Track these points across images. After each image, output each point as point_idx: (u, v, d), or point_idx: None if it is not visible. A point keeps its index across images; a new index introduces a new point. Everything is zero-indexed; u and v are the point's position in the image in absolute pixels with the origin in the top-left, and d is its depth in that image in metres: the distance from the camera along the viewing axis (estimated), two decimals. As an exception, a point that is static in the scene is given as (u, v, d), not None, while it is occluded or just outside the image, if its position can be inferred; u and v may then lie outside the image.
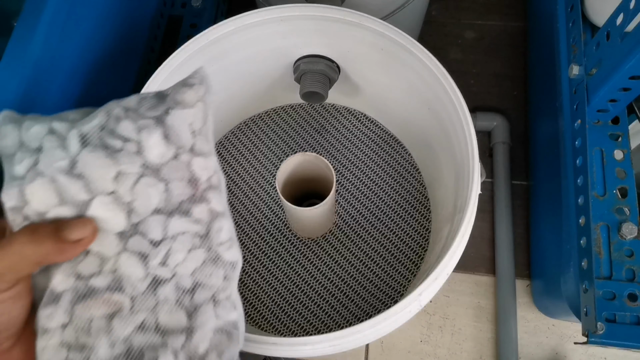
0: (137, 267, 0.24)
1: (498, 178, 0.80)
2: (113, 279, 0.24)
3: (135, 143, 0.24)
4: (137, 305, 0.24)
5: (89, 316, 0.24)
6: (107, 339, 0.23)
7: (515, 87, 0.87)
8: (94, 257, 0.24)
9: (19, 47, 0.40)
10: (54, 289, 0.24)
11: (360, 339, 0.38)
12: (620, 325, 0.46)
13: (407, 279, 0.55)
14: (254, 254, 0.59)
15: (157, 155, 0.24)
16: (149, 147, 0.24)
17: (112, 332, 0.23)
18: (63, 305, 0.24)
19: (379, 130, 0.63)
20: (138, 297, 0.24)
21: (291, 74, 0.57)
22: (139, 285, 0.24)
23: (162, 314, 0.24)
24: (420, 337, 0.75)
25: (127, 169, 0.24)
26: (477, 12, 0.93)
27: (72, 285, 0.24)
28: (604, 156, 0.52)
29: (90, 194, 0.24)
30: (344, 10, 0.48)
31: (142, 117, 0.25)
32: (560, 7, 0.59)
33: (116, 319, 0.23)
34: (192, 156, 0.25)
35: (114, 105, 0.25)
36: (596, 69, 0.50)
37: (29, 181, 0.23)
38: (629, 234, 0.48)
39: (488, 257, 0.78)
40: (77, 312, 0.24)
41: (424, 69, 0.47)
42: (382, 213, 0.59)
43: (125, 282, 0.24)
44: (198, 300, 0.24)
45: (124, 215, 0.24)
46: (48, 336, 0.23)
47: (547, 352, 0.73)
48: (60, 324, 0.24)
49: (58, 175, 0.23)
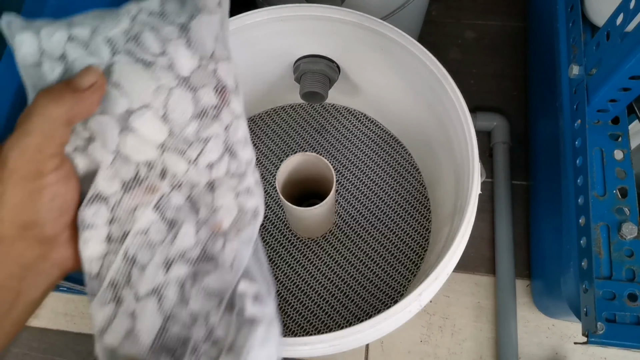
0: (176, 163, 0.26)
1: (498, 178, 0.80)
2: (153, 175, 0.26)
3: (167, 57, 0.25)
4: (174, 191, 0.27)
5: (133, 206, 0.26)
6: (148, 215, 0.26)
7: (515, 87, 0.87)
8: (134, 164, 0.26)
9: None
10: (99, 190, 0.26)
11: (360, 339, 0.38)
12: (620, 325, 0.46)
13: (407, 279, 0.55)
14: (254, 254, 0.59)
15: (187, 68, 0.26)
16: (180, 60, 0.26)
17: (149, 213, 0.26)
18: (109, 203, 0.26)
19: (379, 130, 0.63)
20: (175, 186, 0.27)
21: (291, 74, 0.57)
22: (178, 174, 0.27)
23: (195, 195, 0.27)
24: (420, 337, 0.75)
25: (165, 84, 0.25)
26: (477, 12, 0.93)
27: (115, 188, 0.26)
28: (604, 156, 0.52)
29: (129, 105, 0.25)
30: (344, 10, 0.48)
31: (167, 23, 0.26)
32: (560, 7, 0.59)
33: (152, 203, 0.26)
34: (216, 63, 0.27)
35: (135, 8, 0.26)
36: (596, 69, 0.50)
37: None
38: (629, 234, 0.48)
39: (488, 257, 0.78)
40: (123, 203, 0.26)
41: (424, 69, 0.47)
42: (382, 213, 0.59)
43: (165, 175, 0.27)
44: (222, 188, 0.27)
45: (162, 127, 0.26)
46: (93, 230, 0.25)
47: (547, 352, 0.73)
48: (105, 220, 0.26)
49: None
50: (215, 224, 0.27)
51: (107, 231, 0.26)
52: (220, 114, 0.27)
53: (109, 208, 0.26)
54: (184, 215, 0.26)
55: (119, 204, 0.26)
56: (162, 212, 0.26)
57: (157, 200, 0.26)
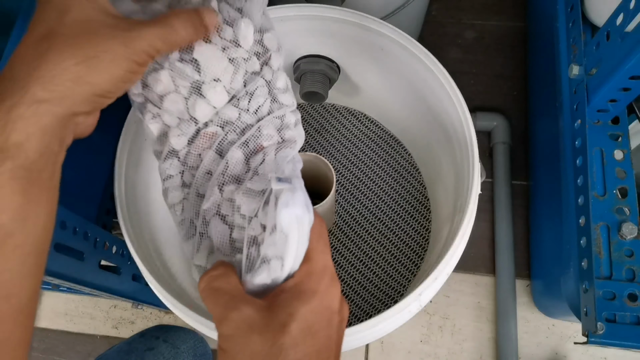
0: (231, 112, 0.32)
1: (498, 178, 0.80)
2: (213, 125, 0.32)
3: (233, 35, 0.31)
4: (229, 133, 0.32)
5: (197, 153, 0.32)
6: (210, 156, 0.32)
7: (515, 87, 0.87)
8: (198, 122, 0.32)
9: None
10: (172, 147, 0.32)
11: (360, 339, 0.38)
12: (620, 325, 0.46)
13: (407, 279, 0.55)
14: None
15: (249, 45, 0.32)
16: (245, 39, 0.31)
17: (211, 154, 0.32)
18: (179, 156, 0.32)
19: (379, 130, 0.63)
20: (230, 130, 0.32)
21: (291, 74, 0.57)
22: (232, 119, 0.32)
23: (246, 132, 0.32)
24: (420, 337, 0.75)
25: (233, 59, 0.31)
26: (477, 12, 0.93)
27: (183, 143, 0.32)
28: (604, 156, 0.52)
29: (202, 78, 0.30)
30: (344, 10, 0.48)
31: (230, 6, 0.31)
32: (560, 7, 0.59)
33: (214, 147, 0.32)
34: (262, 33, 0.33)
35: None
36: (596, 69, 0.50)
37: (149, 72, 0.30)
38: (629, 234, 0.48)
39: (488, 257, 0.78)
40: (190, 154, 0.32)
41: (424, 69, 0.47)
42: (382, 213, 0.59)
43: (222, 123, 0.32)
44: (266, 123, 0.33)
45: (225, 93, 0.32)
46: (171, 180, 0.32)
47: (547, 352, 0.73)
48: (178, 170, 0.32)
49: (175, 64, 0.30)
50: (258, 145, 0.32)
51: (181, 179, 0.32)
52: (262, 71, 0.33)
53: (181, 161, 0.32)
54: (235, 147, 0.32)
55: (187, 155, 0.32)
56: (220, 150, 0.32)
57: (217, 143, 0.32)
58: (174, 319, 0.80)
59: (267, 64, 0.34)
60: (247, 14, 0.32)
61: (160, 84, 0.30)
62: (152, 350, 0.45)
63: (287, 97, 0.35)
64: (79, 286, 0.46)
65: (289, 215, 0.25)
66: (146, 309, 0.82)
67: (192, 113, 0.31)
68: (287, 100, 0.35)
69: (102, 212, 0.60)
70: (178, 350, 0.46)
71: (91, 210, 0.59)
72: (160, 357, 0.45)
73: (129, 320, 0.82)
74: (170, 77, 0.30)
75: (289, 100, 0.35)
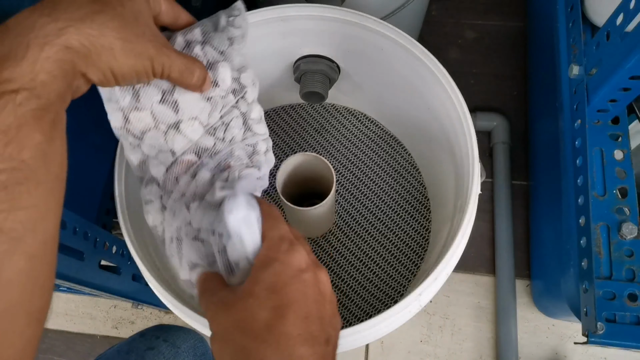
0: (207, 141, 0.34)
1: (498, 178, 0.80)
2: (189, 153, 0.34)
3: (214, 76, 0.33)
4: (205, 159, 0.34)
5: (175, 175, 0.34)
6: (184, 180, 0.34)
7: (515, 87, 0.87)
8: (175, 153, 0.34)
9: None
10: (150, 175, 0.34)
11: (360, 339, 0.38)
12: (620, 325, 0.46)
13: (407, 279, 0.55)
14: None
15: (227, 85, 0.34)
16: (223, 81, 0.33)
17: (186, 178, 0.34)
18: (159, 182, 0.34)
19: (379, 130, 0.63)
20: (206, 156, 0.35)
21: (291, 74, 0.57)
22: (209, 148, 0.34)
23: (220, 158, 0.35)
24: (420, 337, 0.75)
25: (212, 99, 0.34)
26: (477, 12, 0.93)
27: (162, 171, 0.34)
28: (604, 156, 0.52)
29: (180, 118, 0.33)
30: (344, 10, 0.48)
31: (212, 48, 0.33)
32: (560, 7, 0.59)
33: (190, 172, 0.34)
34: (239, 72, 0.35)
35: (181, 39, 0.33)
36: (596, 69, 0.50)
37: (130, 109, 0.32)
38: (629, 234, 0.48)
39: (488, 257, 0.78)
40: (167, 180, 0.34)
41: (424, 69, 0.47)
42: (382, 213, 0.59)
43: (198, 151, 0.34)
44: (237, 148, 0.35)
45: (202, 128, 0.34)
46: (151, 205, 0.34)
47: (547, 352, 0.73)
48: (158, 195, 0.34)
49: (156, 105, 0.32)
50: (226, 164, 0.35)
51: (160, 202, 0.34)
52: (238, 103, 0.36)
53: (160, 186, 0.34)
54: (205, 169, 0.34)
55: (164, 181, 0.34)
56: (194, 174, 0.34)
57: (193, 169, 0.34)
58: (174, 319, 0.80)
59: (243, 97, 0.36)
60: (228, 57, 0.34)
61: (142, 122, 0.32)
62: (152, 350, 0.45)
63: (260, 126, 0.38)
64: (79, 286, 0.46)
65: (234, 220, 0.28)
66: (146, 309, 0.82)
67: (171, 146, 0.33)
68: (260, 130, 0.38)
69: (102, 212, 0.60)
70: (178, 350, 0.46)
71: (91, 210, 0.59)
72: (160, 356, 0.45)
73: (129, 320, 0.82)
74: (151, 117, 0.32)
75: (262, 130, 0.38)
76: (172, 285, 0.44)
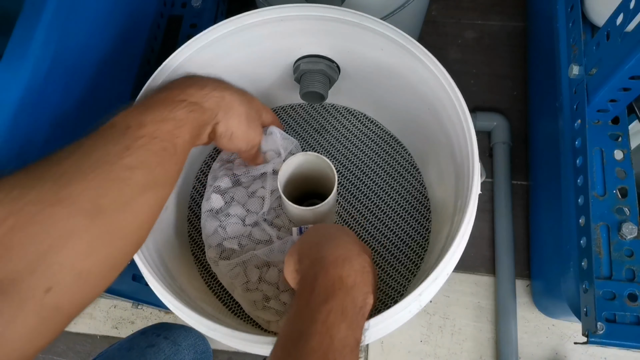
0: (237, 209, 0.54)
1: (498, 178, 0.80)
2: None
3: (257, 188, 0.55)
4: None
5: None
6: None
7: (515, 87, 0.87)
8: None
9: (19, 47, 0.40)
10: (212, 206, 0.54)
11: (360, 339, 0.38)
12: (620, 325, 0.46)
13: (407, 279, 0.55)
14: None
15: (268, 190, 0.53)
16: (262, 192, 0.54)
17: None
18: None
19: (379, 130, 0.63)
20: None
21: (291, 74, 0.57)
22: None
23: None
24: (420, 337, 0.75)
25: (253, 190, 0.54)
26: (477, 12, 0.93)
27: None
28: (604, 156, 0.52)
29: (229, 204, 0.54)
30: (344, 10, 0.48)
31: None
32: (560, 7, 0.59)
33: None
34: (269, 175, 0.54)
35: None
36: (596, 69, 0.50)
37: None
38: (629, 234, 0.49)
39: (488, 257, 0.78)
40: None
41: (423, 69, 0.47)
42: (382, 213, 0.59)
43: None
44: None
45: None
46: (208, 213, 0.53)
47: (547, 352, 0.73)
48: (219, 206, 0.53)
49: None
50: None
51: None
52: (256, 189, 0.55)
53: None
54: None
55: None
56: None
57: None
58: (174, 319, 0.80)
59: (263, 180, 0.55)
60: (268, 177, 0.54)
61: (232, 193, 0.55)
62: (153, 347, 0.46)
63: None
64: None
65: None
66: (146, 309, 0.82)
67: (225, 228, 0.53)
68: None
69: (102, 212, 0.60)
70: (179, 347, 0.46)
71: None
72: (161, 354, 0.45)
73: (128, 320, 0.82)
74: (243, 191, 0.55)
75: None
76: (172, 285, 0.44)
